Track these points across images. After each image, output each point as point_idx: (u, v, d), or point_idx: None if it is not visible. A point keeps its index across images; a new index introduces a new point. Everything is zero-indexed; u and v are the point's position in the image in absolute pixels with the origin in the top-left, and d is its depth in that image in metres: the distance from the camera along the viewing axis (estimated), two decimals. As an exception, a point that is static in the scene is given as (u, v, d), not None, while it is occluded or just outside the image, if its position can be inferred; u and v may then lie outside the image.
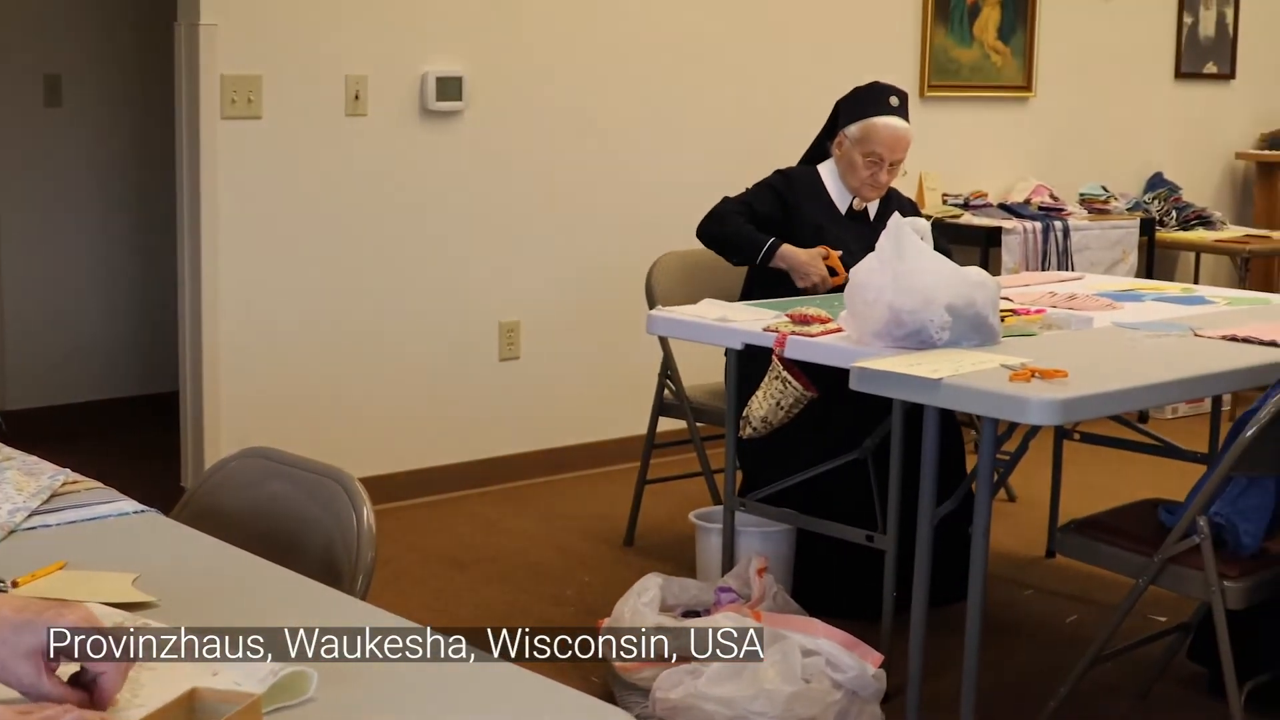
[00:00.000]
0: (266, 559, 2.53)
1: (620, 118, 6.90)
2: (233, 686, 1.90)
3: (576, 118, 6.77)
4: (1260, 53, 9.78)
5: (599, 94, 6.82)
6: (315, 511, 2.82)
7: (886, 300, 4.25)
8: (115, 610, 2.21)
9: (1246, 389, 4.52)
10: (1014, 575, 5.73)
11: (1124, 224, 8.14)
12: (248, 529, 2.84)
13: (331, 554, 2.75)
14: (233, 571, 2.49)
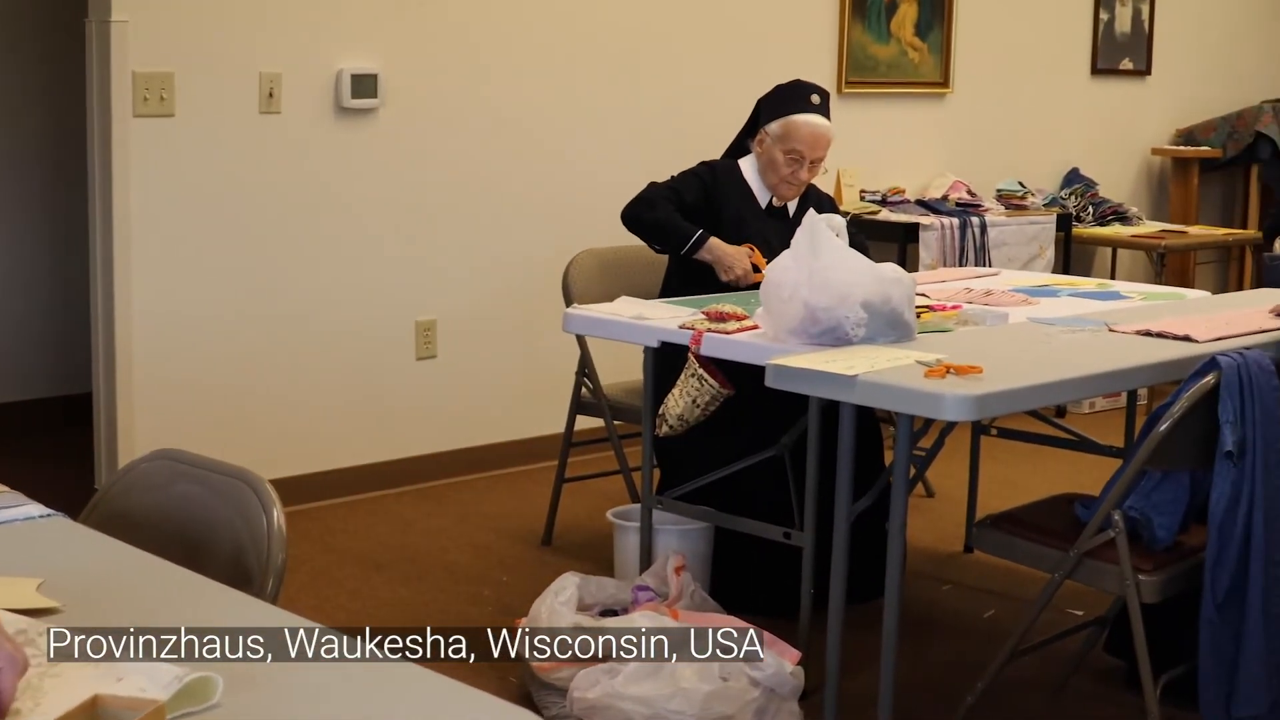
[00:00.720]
0: (175, 562, 2.51)
1: (537, 115, 6.88)
2: (137, 693, 1.88)
3: (493, 115, 6.74)
4: (1175, 49, 9.84)
5: (515, 91, 6.80)
6: (225, 514, 2.79)
7: (802, 297, 4.25)
8: (18, 616, 2.18)
9: (1161, 383, 4.54)
10: (932, 571, 5.74)
11: (1041, 220, 8.17)
12: (156, 532, 2.81)
13: (241, 557, 2.72)
14: (139, 575, 2.46)
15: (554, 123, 6.94)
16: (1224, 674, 4.13)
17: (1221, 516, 4.06)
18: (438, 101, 6.57)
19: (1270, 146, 9.60)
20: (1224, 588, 4.09)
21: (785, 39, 7.70)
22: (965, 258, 7.71)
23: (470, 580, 5.55)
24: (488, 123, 6.73)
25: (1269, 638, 4.12)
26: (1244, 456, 4.05)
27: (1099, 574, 4.19)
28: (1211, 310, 5.20)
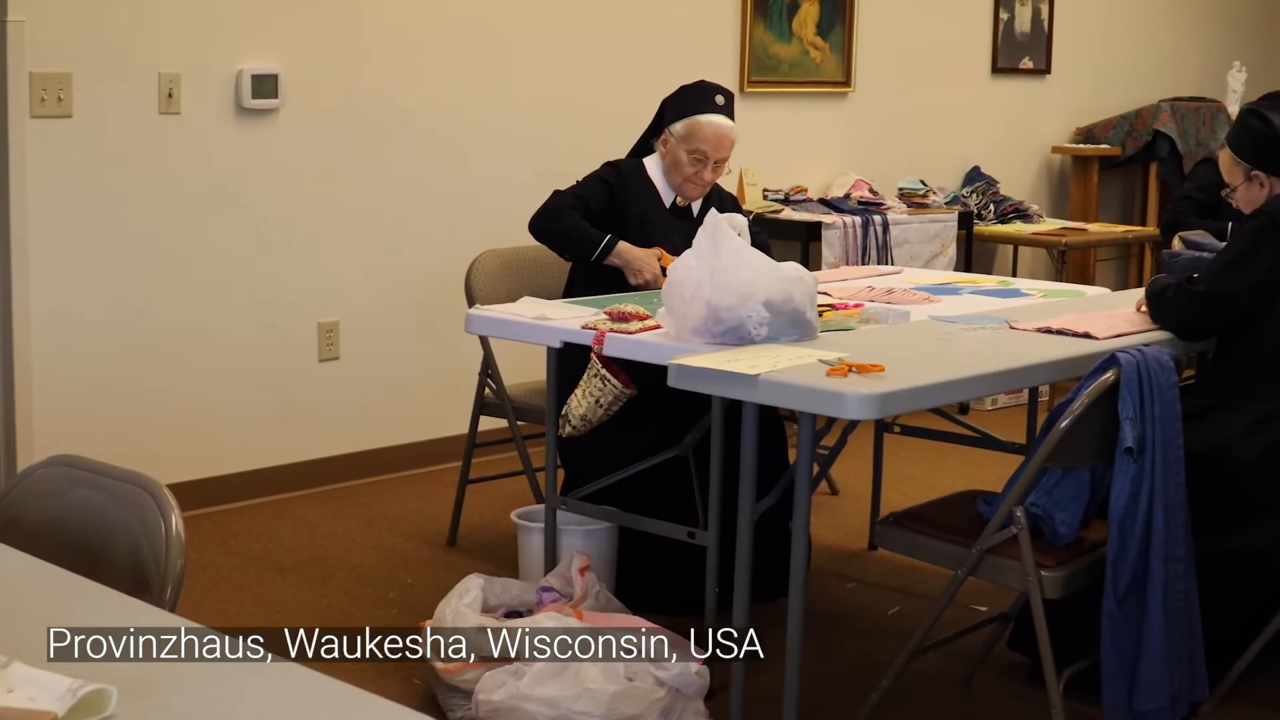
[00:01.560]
0: (71, 570, 2.48)
1: (440, 114, 6.85)
2: (27, 703, 1.85)
3: (395, 114, 6.71)
4: (1075, 48, 9.91)
5: (418, 90, 6.77)
6: (123, 520, 2.76)
7: (704, 297, 4.25)
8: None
9: (1062, 381, 4.57)
10: (836, 568, 5.76)
11: (942, 218, 8.22)
12: (53, 540, 2.77)
13: (139, 563, 2.70)
14: (35, 584, 2.43)
15: (457, 123, 6.91)
16: (1126, 668, 4.16)
17: (1122, 512, 4.09)
18: (339, 102, 6.54)
19: (1169, 144, 9.69)
20: (1125, 583, 4.12)
21: (687, 39, 7.70)
22: (867, 256, 7.73)
23: (375, 583, 5.53)
24: (390, 123, 6.70)
25: (1169, 632, 4.16)
26: (1144, 453, 4.09)
27: (1002, 570, 4.21)
28: (1111, 307, 5.23)
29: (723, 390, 4.06)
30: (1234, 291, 4.59)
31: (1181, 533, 4.19)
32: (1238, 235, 4.70)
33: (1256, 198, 4.75)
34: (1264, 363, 4.61)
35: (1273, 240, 4.55)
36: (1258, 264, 4.56)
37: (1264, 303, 4.57)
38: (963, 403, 7.67)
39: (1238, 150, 4.80)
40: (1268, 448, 4.52)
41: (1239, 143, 4.81)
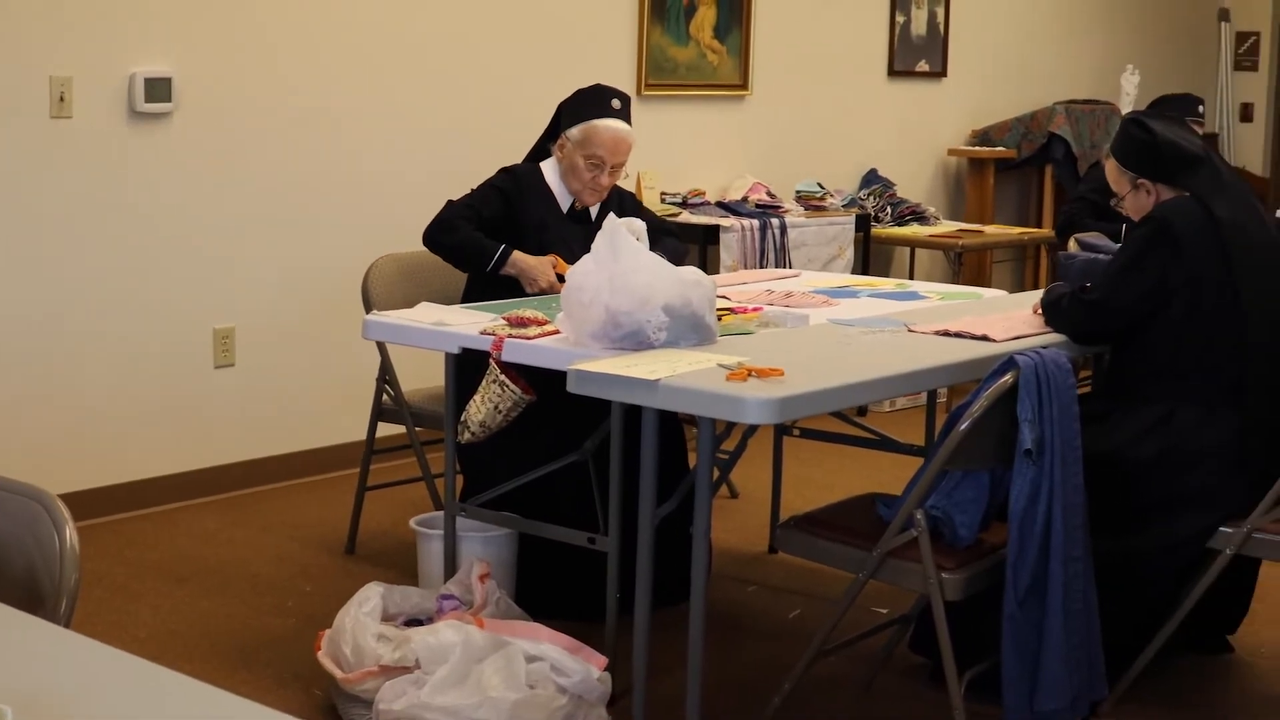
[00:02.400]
0: (-39, 586, 2.44)
1: (336, 118, 6.80)
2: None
3: (292, 119, 6.66)
4: (970, 51, 9.97)
5: (314, 94, 6.72)
6: (15, 533, 2.72)
7: (603, 301, 4.24)
8: None
9: (960, 383, 4.59)
10: (737, 572, 5.76)
11: (840, 220, 8.24)
12: (-58, 555, 2.73)
13: (34, 578, 2.65)
14: (-77, 600, 2.39)
15: (354, 127, 6.87)
16: (1026, 669, 4.18)
17: (1021, 514, 4.12)
18: (235, 105, 6.48)
19: (1064, 147, 9.76)
20: (1025, 584, 4.14)
21: (585, 42, 7.69)
22: (765, 259, 7.75)
23: (274, 591, 5.48)
24: (286, 127, 6.65)
25: (1069, 633, 4.19)
26: (1042, 454, 4.11)
27: (902, 573, 4.23)
28: (1008, 310, 5.27)
29: (622, 395, 4.05)
30: (1126, 300, 4.64)
31: (1080, 534, 4.22)
32: (1128, 242, 4.75)
33: (1144, 205, 4.79)
34: (1157, 368, 4.65)
35: (1162, 246, 4.60)
36: (1148, 271, 4.61)
37: (1156, 309, 4.61)
38: (861, 405, 7.69)
39: (1122, 159, 4.85)
40: (1161, 451, 4.56)
41: (1123, 152, 4.86)
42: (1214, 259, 4.59)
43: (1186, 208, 4.66)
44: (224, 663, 4.81)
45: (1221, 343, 4.60)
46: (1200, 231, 4.60)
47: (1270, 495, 4.48)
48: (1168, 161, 4.75)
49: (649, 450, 4.17)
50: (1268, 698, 4.85)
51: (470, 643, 4.21)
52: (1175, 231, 4.59)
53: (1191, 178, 4.72)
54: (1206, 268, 4.58)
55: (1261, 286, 4.62)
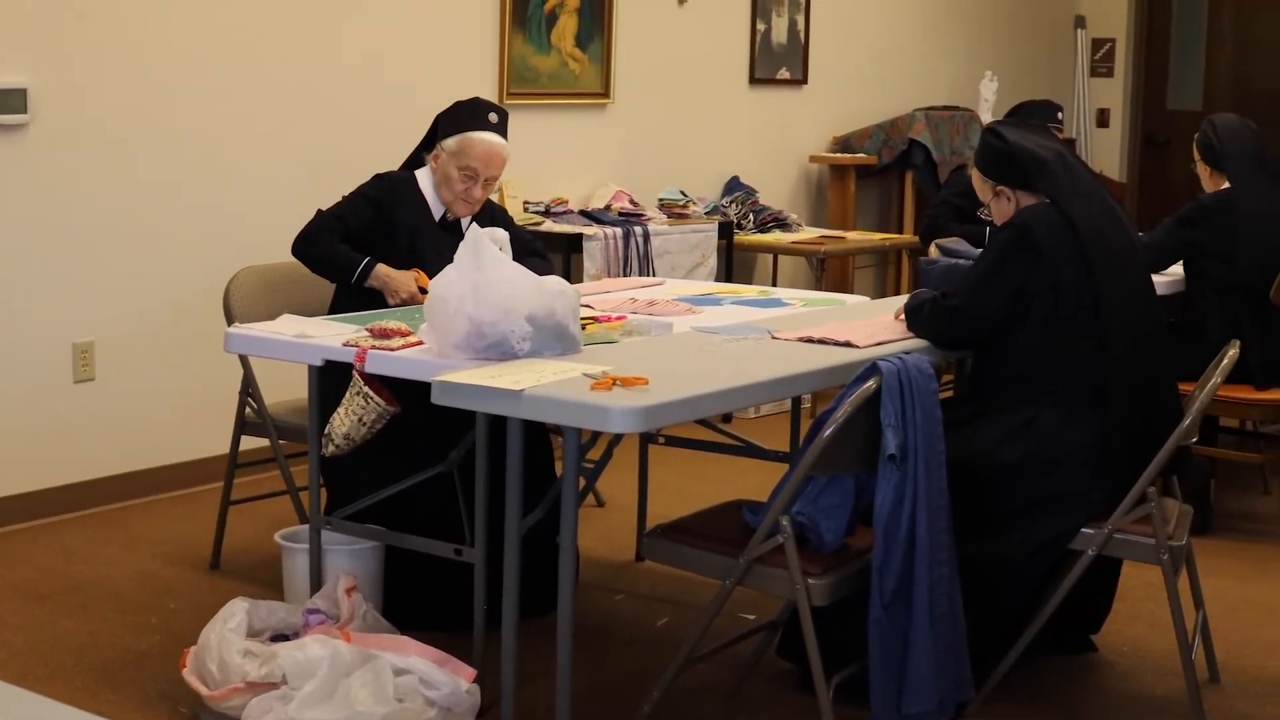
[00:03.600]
0: None
1: (196, 130, 6.73)
2: None
3: (151, 130, 6.58)
4: (830, 58, 10.04)
5: (174, 105, 6.64)
6: None
7: (466, 312, 4.23)
8: None
9: (824, 389, 4.62)
10: (604, 581, 5.75)
11: (703, 228, 8.26)
12: None
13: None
14: None
15: (213, 138, 6.80)
16: (893, 672, 4.21)
17: (886, 518, 4.15)
18: (93, 116, 6.39)
19: (924, 153, 9.84)
20: (890, 588, 4.17)
21: (446, 52, 7.66)
22: (629, 267, 7.75)
23: (137, 609, 5.41)
24: (146, 138, 6.57)
25: (935, 635, 4.22)
26: (906, 459, 4.14)
27: (769, 579, 4.24)
28: (871, 315, 5.30)
29: (487, 406, 4.04)
30: (986, 306, 4.69)
31: (945, 538, 4.26)
32: (989, 248, 4.81)
33: (1007, 211, 4.85)
34: (1019, 372, 4.70)
35: (1022, 251, 4.65)
36: (1008, 277, 4.66)
37: (1017, 314, 4.66)
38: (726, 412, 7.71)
39: (983, 169, 4.93)
40: (1024, 455, 4.61)
41: (983, 162, 4.93)
42: (1073, 263, 4.64)
43: (1045, 213, 4.71)
44: (88, 682, 4.74)
45: (1082, 346, 4.65)
46: (1059, 236, 4.65)
47: (1130, 496, 4.54)
48: (1024, 168, 4.80)
49: (514, 461, 4.16)
50: (1130, 696, 4.91)
51: (337, 657, 4.19)
52: (1035, 237, 4.64)
53: (1048, 183, 4.77)
54: (1066, 272, 4.63)
55: (1120, 290, 4.68)
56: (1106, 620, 5.23)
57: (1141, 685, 4.99)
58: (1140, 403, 4.66)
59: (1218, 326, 6.57)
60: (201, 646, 4.43)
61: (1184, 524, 4.79)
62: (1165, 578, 4.61)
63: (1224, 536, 6.57)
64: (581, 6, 8.31)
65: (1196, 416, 4.60)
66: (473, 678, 4.32)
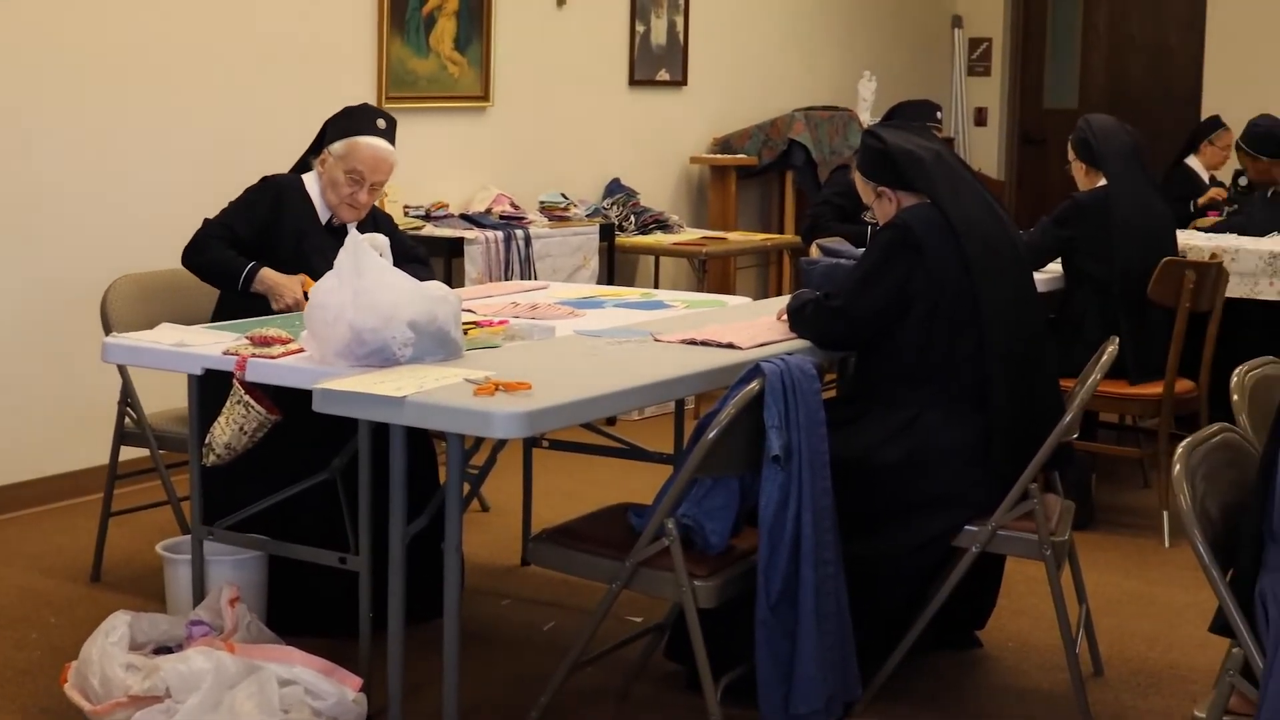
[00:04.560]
0: None
1: (71, 134, 6.64)
2: None
3: (27, 132, 6.48)
4: (710, 59, 10.05)
5: (50, 108, 6.55)
6: None
7: (347, 319, 4.20)
8: None
9: (708, 391, 4.62)
10: (490, 586, 5.73)
11: (584, 230, 8.26)
12: None
13: None
14: None
15: (88, 143, 6.72)
16: (781, 673, 4.22)
17: (771, 519, 4.16)
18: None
19: (803, 153, 9.87)
20: (777, 589, 4.18)
21: (324, 55, 7.61)
22: (511, 271, 7.73)
23: (16, 624, 5.33)
24: (19, 141, 6.47)
25: (822, 635, 4.23)
26: (790, 460, 4.15)
27: (655, 582, 4.25)
28: (753, 316, 5.31)
29: (369, 413, 4.02)
30: (868, 306, 4.70)
31: (830, 537, 4.27)
32: (871, 248, 4.83)
33: (888, 212, 4.88)
34: (901, 372, 4.72)
35: (903, 251, 4.67)
36: (890, 278, 4.68)
37: (899, 313, 4.68)
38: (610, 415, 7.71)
39: (864, 171, 4.96)
40: (908, 453, 4.63)
41: (864, 164, 4.96)
42: (954, 263, 4.66)
43: (925, 214, 4.74)
44: (-34, 699, 4.68)
45: (963, 345, 4.68)
46: (939, 236, 4.68)
47: (1013, 493, 4.57)
48: (903, 168, 4.82)
49: (398, 468, 4.14)
50: (1016, 690, 4.95)
51: (222, 669, 4.15)
52: (915, 236, 4.67)
53: (927, 182, 4.80)
54: (947, 272, 4.66)
55: (999, 289, 4.71)
56: (991, 616, 5.27)
57: (1027, 679, 5.03)
58: (1020, 400, 4.69)
59: (1095, 323, 6.64)
60: (83, 661, 4.38)
61: (1066, 519, 4.84)
62: (1048, 573, 4.64)
63: (1105, 531, 6.64)
64: (460, 9, 8.28)
65: (1077, 413, 4.64)
66: (359, 686, 4.29)
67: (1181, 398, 6.63)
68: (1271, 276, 7.48)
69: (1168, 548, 6.41)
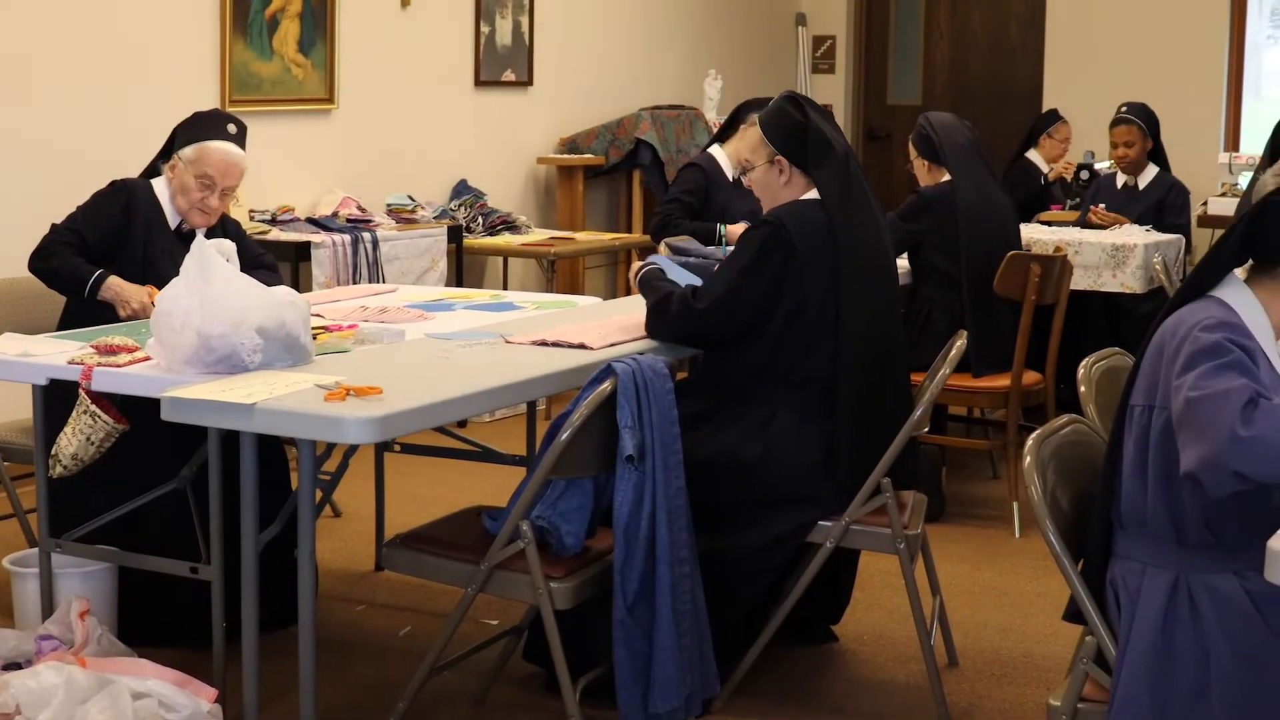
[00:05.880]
0: None
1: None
2: None
3: None
4: (556, 60, 10.04)
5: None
6: None
7: (195, 326, 4.16)
8: None
9: (560, 392, 4.62)
10: (345, 593, 5.70)
11: (432, 232, 8.22)
12: None
13: None
14: None
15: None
16: (639, 672, 4.23)
17: (626, 519, 4.16)
18: None
19: (651, 152, 9.88)
20: (633, 589, 4.19)
21: (165, 58, 7.51)
22: (359, 275, 7.69)
23: None
24: None
25: (679, 633, 4.24)
26: (644, 459, 4.16)
27: (511, 584, 4.25)
28: (604, 316, 5.31)
29: (219, 421, 3.98)
30: (739, 309, 4.67)
31: (685, 536, 4.28)
32: (743, 246, 4.75)
33: (771, 184, 4.80)
34: (760, 371, 4.72)
35: (776, 254, 4.64)
36: (762, 280, 4.65)
37: (765, 314, 4.67)
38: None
39: (770, 134, 4.84)
40: (762, 452, 4.65)
41: (773, 127, 4.84)
42: (825, 268, 4.65)
43: (804, 213, 4.71)
44: None
45: (821, 346, 4.69)
46: (814, 238, 4.66)
47: (866, 488, 4.61)
48: (811, 150, 4.77)
49: (249, 475, 4.10)
50: (872, 683, 4.99)
51: (73, 684, 4.09)
52: (790, 239, 4.64)
53: (825, 174, 4.76)
54: (816, 276, 4.65)
55: (861, 293, 4.71)
56: (847, 610, 5.30)
57: (883, 672, 5.07)
58: (869, 406, 4.72)
59: (943, 317, 6.71)
60: (-70, 679, 4.30)
61: (919, 513, 4.88)
62: (902, 566, 4.69)
63: (956, 522, 6.70)
64: (303, 11, 8.21)
65: (927, 407, 4.68)
66: (214, 698, 4.25)
67: (1029, 390, 6.71)
68: (1114, 268, 7.60)
69: (1019, 538, 6.48)
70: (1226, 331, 3.30)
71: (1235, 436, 3.10)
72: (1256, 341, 3.38)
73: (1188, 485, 3.28)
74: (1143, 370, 3.46)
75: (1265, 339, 3.43)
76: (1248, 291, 3.46)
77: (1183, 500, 3.36)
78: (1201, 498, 3.29)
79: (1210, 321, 3.32)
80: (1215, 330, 3.30)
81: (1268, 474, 3.12)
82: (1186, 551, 3.39)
